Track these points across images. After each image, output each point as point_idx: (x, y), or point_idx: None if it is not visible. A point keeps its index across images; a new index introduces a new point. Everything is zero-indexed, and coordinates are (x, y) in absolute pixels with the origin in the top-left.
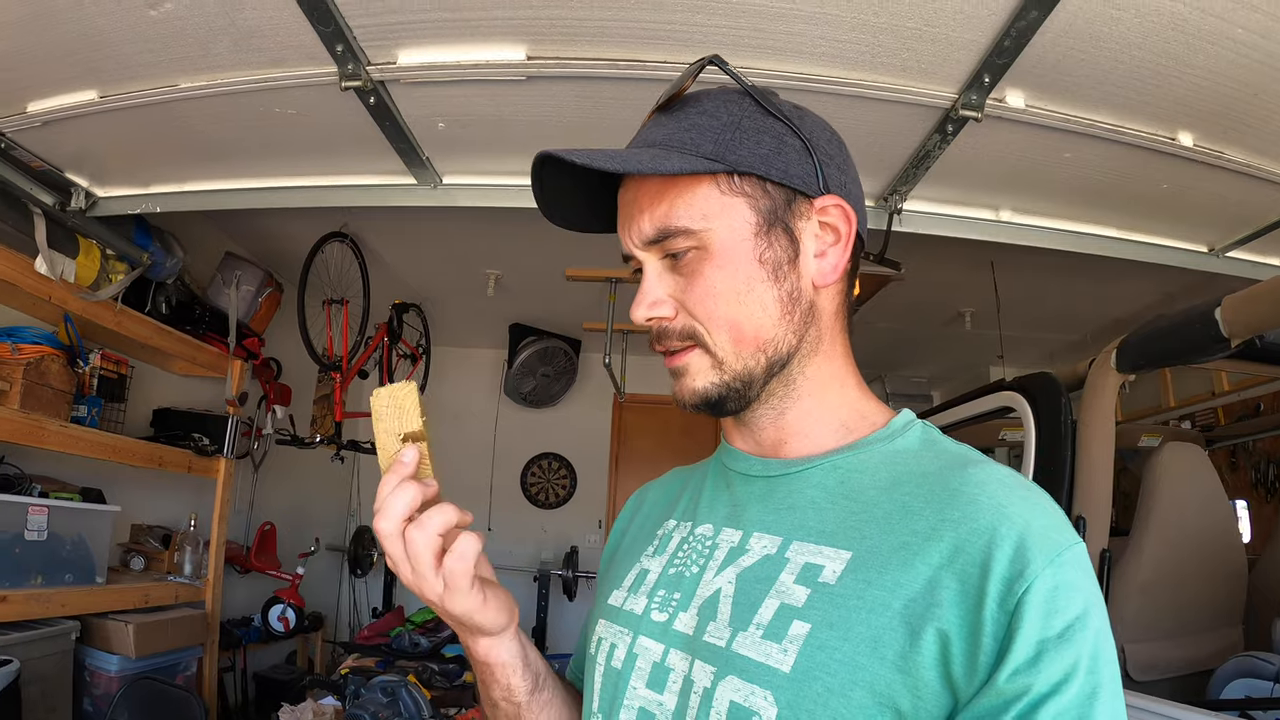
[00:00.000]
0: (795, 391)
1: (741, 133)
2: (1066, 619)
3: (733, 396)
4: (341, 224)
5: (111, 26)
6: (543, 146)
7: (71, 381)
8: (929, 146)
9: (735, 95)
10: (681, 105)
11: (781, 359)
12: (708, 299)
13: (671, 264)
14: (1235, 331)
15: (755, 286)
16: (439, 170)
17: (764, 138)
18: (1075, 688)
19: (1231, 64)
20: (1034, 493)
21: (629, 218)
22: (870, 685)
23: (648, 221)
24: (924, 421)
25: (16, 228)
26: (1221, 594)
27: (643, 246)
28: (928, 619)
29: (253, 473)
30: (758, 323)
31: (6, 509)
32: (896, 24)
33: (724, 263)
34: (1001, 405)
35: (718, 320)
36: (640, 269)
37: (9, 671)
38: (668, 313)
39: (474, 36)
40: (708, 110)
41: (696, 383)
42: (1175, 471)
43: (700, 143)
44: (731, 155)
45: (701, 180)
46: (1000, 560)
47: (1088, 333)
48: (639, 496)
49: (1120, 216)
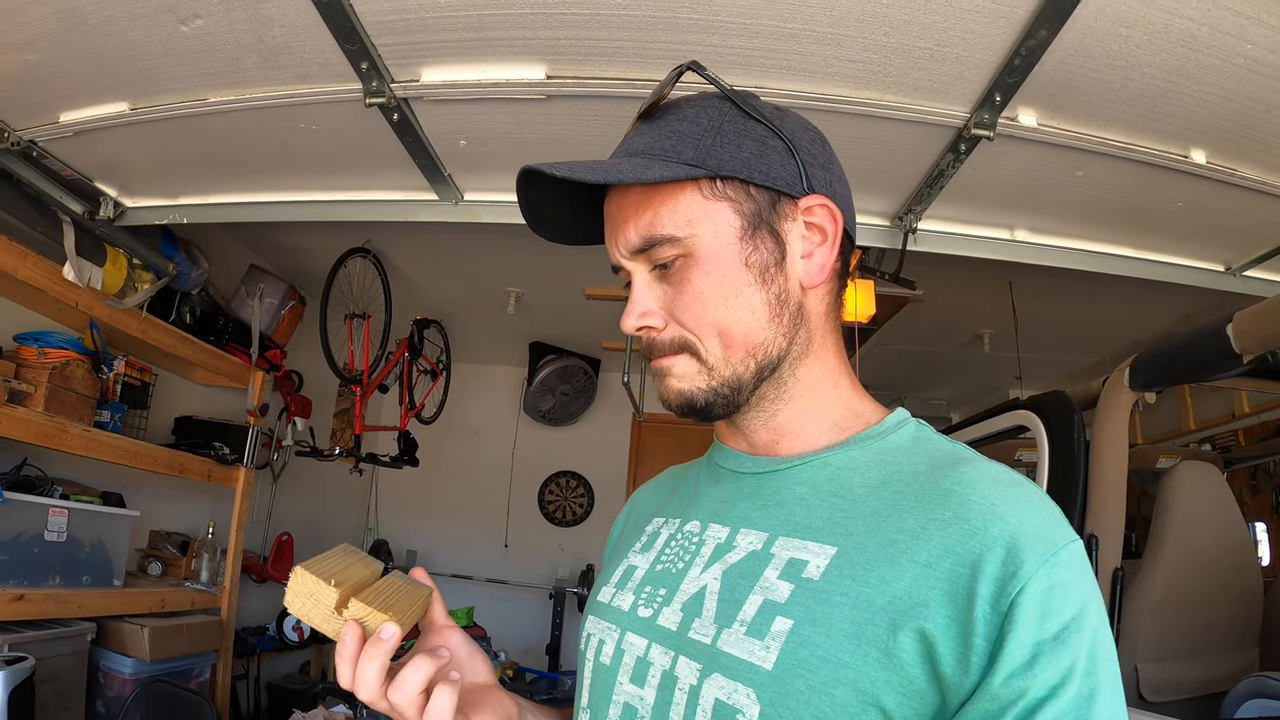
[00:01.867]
0: (787, 393)
1: (722, 137)
2: (1062, 620)
3: (720, 403)
4: (365, 240)
5: (143, 40)
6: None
7: (95, 387)
8: (942, 166)
9: (715, 100)
10: (662, 113)
11: (772, 363)
12: (695, 305)
13: (660, 273)
14: (1247, 347)
15: (743, 290)
16: (460, 187)
17: (745, 141)
18: (1073, 690)
19: (1243, 80)
20: (1027, 490)
21: (615, 229)
22: (853, 682)
23: (633, 231)
24: (918, 419)
25: (46, 235)
26: (1237, 615)
27: (630, 257)
28: (911, 617)
29: (272, 483)
30: (746, 327)
31: (27, 509)
32: (908, 44)
33: (710, 268)
34: (1016, 424)
35: (706, 326)
36: (631, 280)
37: (24, 668)
38: (657, 323)
39: (496, 56)
40: (688, 116)
41: (682, 385)
42: (1189, 492)
43: (681, 149)
44: (713, 160)
45: (684, 187)
46: (992, 561)
47: (1107, 354)
48: (634, 498)
49: (1135, 236)
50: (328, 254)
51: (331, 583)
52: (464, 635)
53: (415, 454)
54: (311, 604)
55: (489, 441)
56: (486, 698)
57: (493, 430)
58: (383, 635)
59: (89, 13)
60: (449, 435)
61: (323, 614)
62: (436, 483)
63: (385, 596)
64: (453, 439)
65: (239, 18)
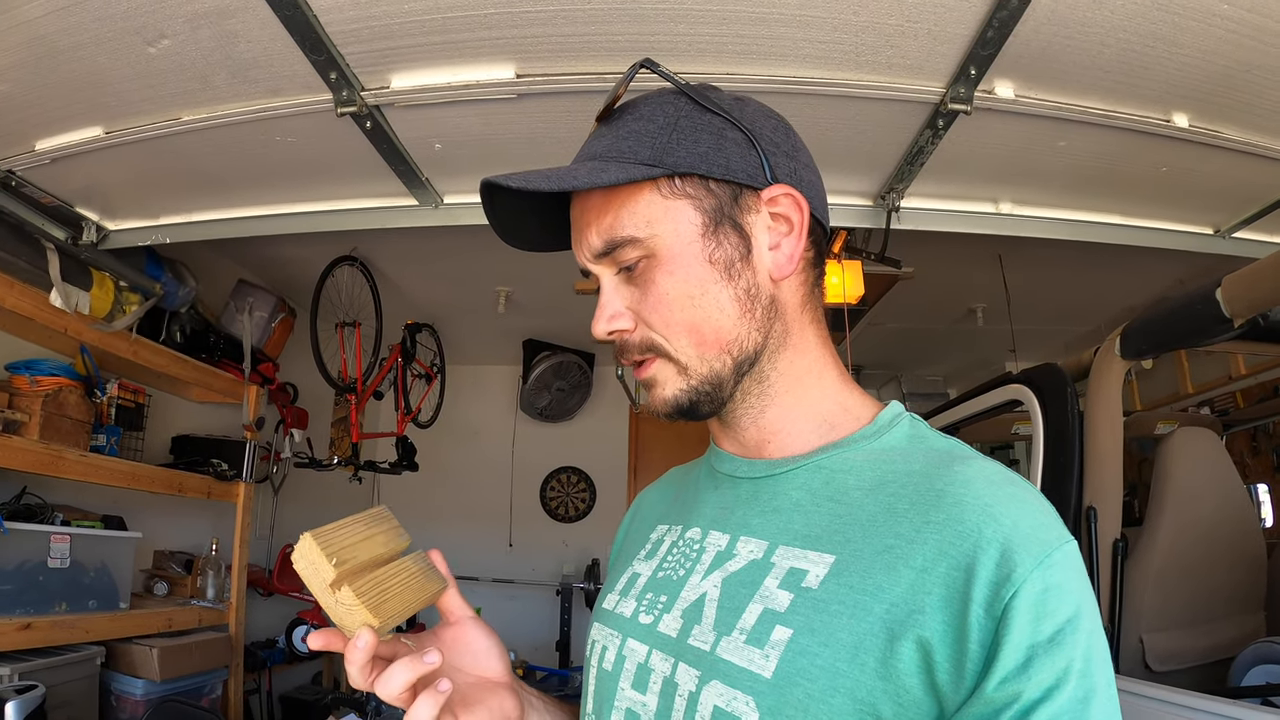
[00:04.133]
0: (771, 389)
1: (679, 133)
2: (1057, 623)
3: (704, 400)
4: (351, 248)
5: (112, 65)
6: (538, 162)
7: (90, 411)
8: (921, 142)
9: (671, 96)
10: (619, 114)
11: (749, 357)
12: (661, 306)
13: (626, 275)
14: (1237, 311)
15: (709, 288)
16: (439, 190)
17: (702, 135)
18: (1068, 693)
19: (1220, 40)
20: (1021, 490)
21: (579, 233)
22: (851, 692)
23: (595, 235)
24: (911, 415)
25: (31, 263)
26: (1240, 580)
27: (594, 260)
28: (909, 626)
29: (273, 496)
30: (716, 324)
31: (29, 538)
32: (877, 22)
33: (674, 268)
34: (1009, 399)
35: (675, 327)
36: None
37: (35, 696)
38: (626, 325)
39: (464, 58)
40: (644, 115)
41: (666, 391)
42: (1188, 457)
43: (638, 149)
44: (669, 158)
45: (643, 187)
46: (986, 564)
47: (1101, 322)
48: (638, 501)
49: (1121, 203)
50: (315, 264)
51: (333, 561)
52: (483, 628)
53: (414, 459)
54: (312, 572)
55: (488, 442)
56: (486, 697)
57: (491, 430)
58: (358, 643)
59: (57, 40)
60: (447, 438)
61: (320, 586)
62: (438, 486)
63: (385, 587)
64: (451, 441)
65: (205, 35)
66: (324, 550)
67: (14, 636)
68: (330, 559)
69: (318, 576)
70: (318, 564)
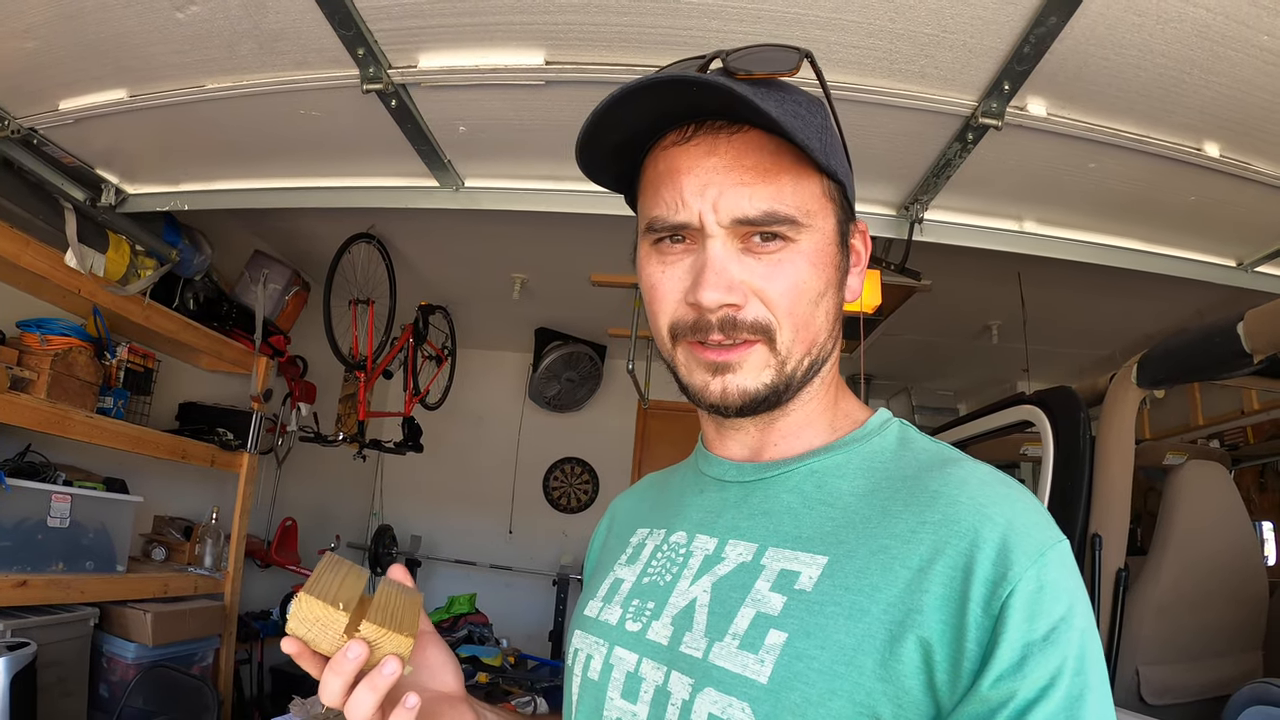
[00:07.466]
0: (800, 397)
1: (832, 140)
2: (1051, 620)
3: (771, 399)
4: (369, 225)
5: (139, 28)
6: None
7: (98, 373)
8: (949, 155)
9: (818, 99)
10: (771, 87)
11: (817, 365)
12: (792, 294)
13: (743, 248)
14: (1258, 347)
15: (828, 293)
16: (461, 173)
17: (839, 151)
18: (1062, 691)
19: (1258, 72)
20: (1014, 490)
21: (708, 184)
22: (849, 694)
23: (748, 200)
24: (901, 420)
25: (48, 222)
26: (1241, 618)
27: (730, 225)
28: (909, 626)
29: (276, 468)
30: (818, 328)
31: (30, 496)
32: (913, 30)
33: (816, 262)
34: (1021, 419)
35: (795, 318)
36: (679, 236)
37: (26, 654)
38: (740, 299)
39: (493, 41)
40: (804, 105)
41: (748, 382)
42: (1197, 490)
43: (809, 138)
44: (833, 160)
45: (812, 174)
46: (983, 563)
47: (1116, 348)
48: (612, 509)
49: (1146, 229)
50: (332, 239)
51: (340, 606)
52: (439, 643)
53: (420, 440)
54: (318, 629)
55: (494, 428)
56: (445, 710)
57: (498, 416)
58: (384, 670)
59: (85, 0)
60: (454, 421)
61: (331, 638)
62: (441, 468)
63: (389, 612)
64: (457, 425)
65: (234, 4)
66: (325, 600)
67: (9, 593)
68: (336, 605)
69: (326, 630)
70: (324, 617)
